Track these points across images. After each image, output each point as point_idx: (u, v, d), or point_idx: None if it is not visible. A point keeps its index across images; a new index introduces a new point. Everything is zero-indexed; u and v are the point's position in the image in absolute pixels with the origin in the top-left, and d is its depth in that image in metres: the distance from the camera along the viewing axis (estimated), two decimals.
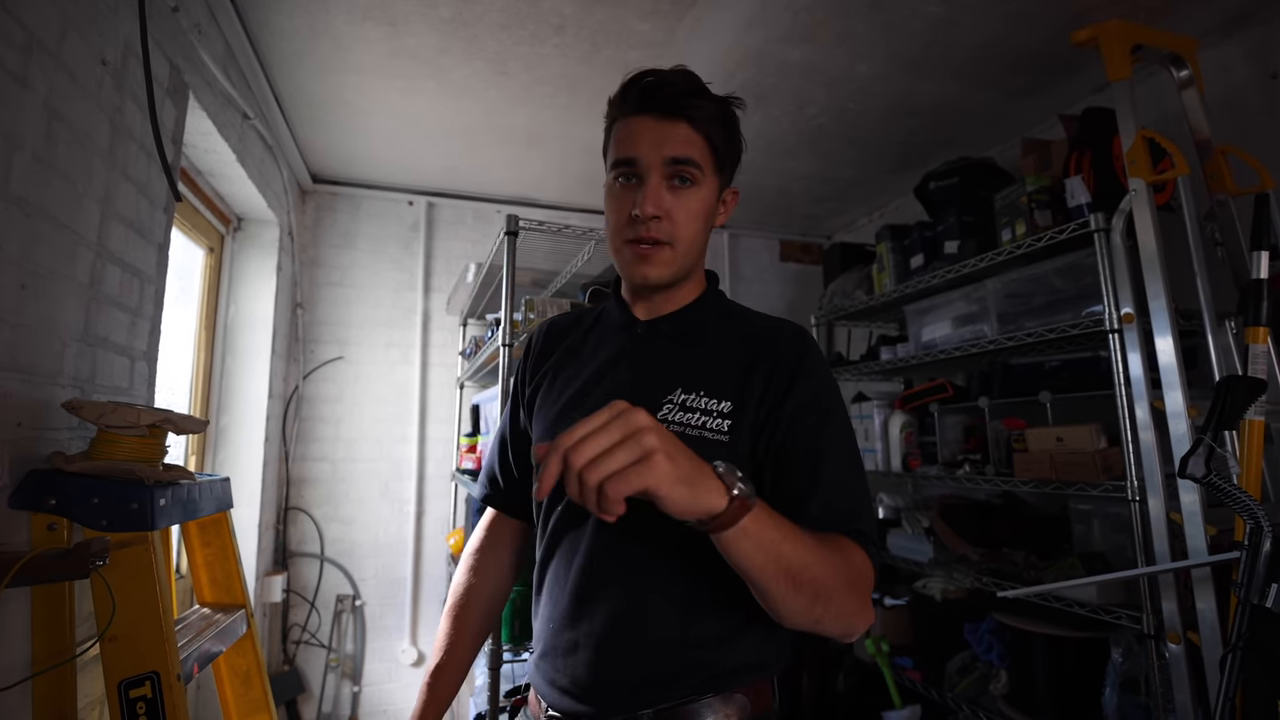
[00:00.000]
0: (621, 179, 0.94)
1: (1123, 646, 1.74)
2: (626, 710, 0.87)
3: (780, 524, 0.71)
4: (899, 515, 2.62)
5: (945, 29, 2.07)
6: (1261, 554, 1.22)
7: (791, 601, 0.73)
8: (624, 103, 0.93)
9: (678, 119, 0.90)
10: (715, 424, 0.89)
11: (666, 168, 0.90)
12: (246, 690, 1.48)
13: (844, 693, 2.57)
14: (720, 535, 0.67)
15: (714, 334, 0.98)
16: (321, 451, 3.23)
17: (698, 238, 0.95)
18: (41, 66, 1.13)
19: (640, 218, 0.90)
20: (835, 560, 0.76)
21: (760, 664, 0.91)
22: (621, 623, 0.89)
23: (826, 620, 0.76)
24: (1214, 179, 1.73)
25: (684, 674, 0.87)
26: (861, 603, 0.78)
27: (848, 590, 0.76)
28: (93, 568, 1.00)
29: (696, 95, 0.91)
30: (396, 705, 3.20)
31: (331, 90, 2.50)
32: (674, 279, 0.97)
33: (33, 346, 1.14)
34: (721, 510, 0.64)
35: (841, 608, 0.76)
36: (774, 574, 0.70)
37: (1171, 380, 1.55)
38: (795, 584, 0.71)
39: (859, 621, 0.79)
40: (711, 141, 0.92)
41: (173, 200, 1.69)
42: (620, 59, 2.26)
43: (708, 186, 0.94)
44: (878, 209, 3.68)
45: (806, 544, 0.73)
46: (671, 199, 0.91)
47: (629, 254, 0.94)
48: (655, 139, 0.90)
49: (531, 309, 2.15)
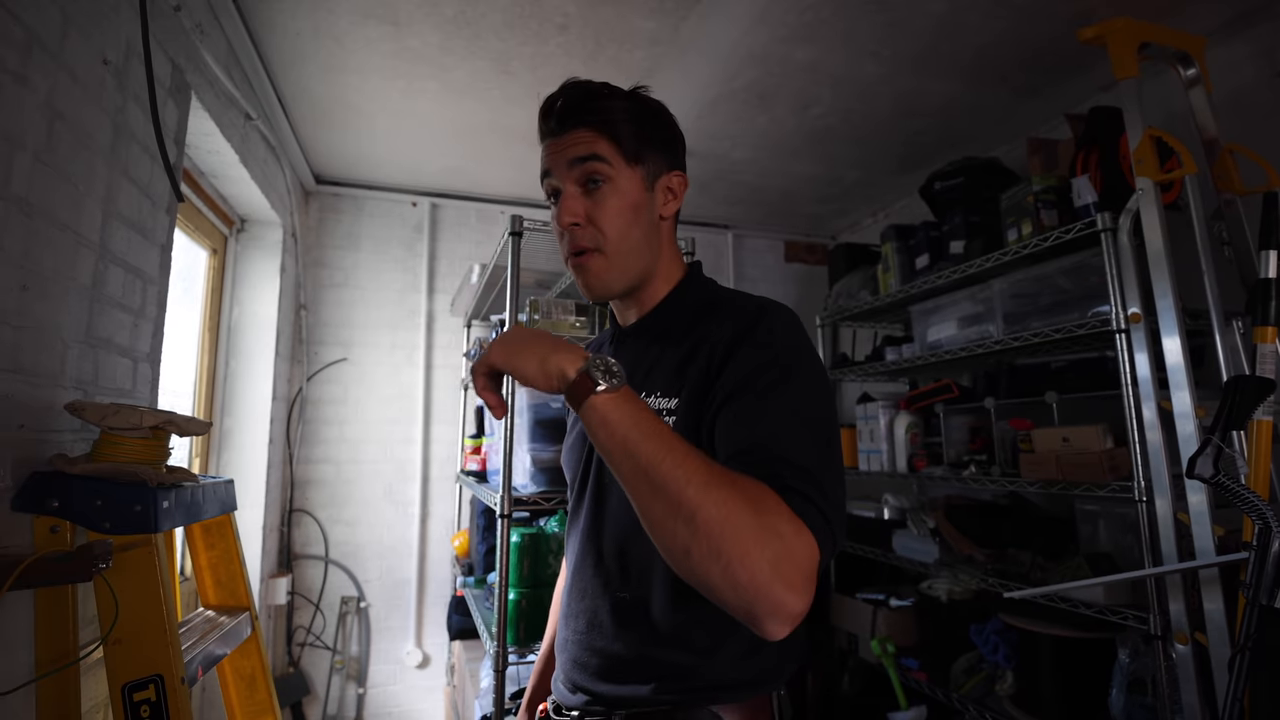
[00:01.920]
0: (551, 199, 0.95)
1: (1129, 647, 1.73)
2: (603, 708, 0.89)
3: (643, 417, 0.69)
4: (904, 516, 2.61)
5: (950, 28, 2.06)
6: (1270, 554, 1.21)
7: (649, 508, 0.66)
8: (540, 133, 0.96)
9: (575, 128, 0.91)
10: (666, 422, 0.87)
11: (573, 172, 0.90)
12: (251, 693, 1.48)
13: (849, 694, 2.57)
14: (580, 412, 0.71)
15: (677, 330, 0.95)
16: (325, 453, 3.23)
17: (628, 234, 0.91)
18: (42, 66, 1.13)
19: (563, 229, 0.91)
20: (719, 486, 0.64)
21: (748, 682, 0.87)
22: (597, 623, 0.92)
23: (700, 559, 0.62)
24: (1221, 178, 1.72)
25: (658, 680, 0.86)
26: (766, 560, 0.60)
27: (732, 529, 0.61)
28: (96, 570, 1.00)
29: (588, 99, 0.91)
30: (402, 707, 3.20)
31: (334, 90, 2.50)
32: (621, 283, 0.94)
33: (34, 348, 1.13)
34: (571, 380, 0.72)
35: (718, 547, 0.61)
36: (622, 461, 0.68)
37: (1179, 380, 1.54)
38: (650, 484, 0.65)
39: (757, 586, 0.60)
40: (614, 137, 0.90)
41: (175, 201, 1.69)
42: (624, 58, 2.25)
43: (624, 179, 0.91)
44: (883, 209, 3.67)
45: (675, 448, 0.66)
46: (587, 204, 0.90)
47: (572, 269, 0.94)
48: (559, 152, 0.91)
49: (536, 310, 2.14)
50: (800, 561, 0.62)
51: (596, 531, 0.94)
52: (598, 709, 0.89)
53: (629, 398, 0.71)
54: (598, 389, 0.70)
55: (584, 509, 0.97)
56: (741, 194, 3.51)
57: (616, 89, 0.94)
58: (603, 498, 0.94)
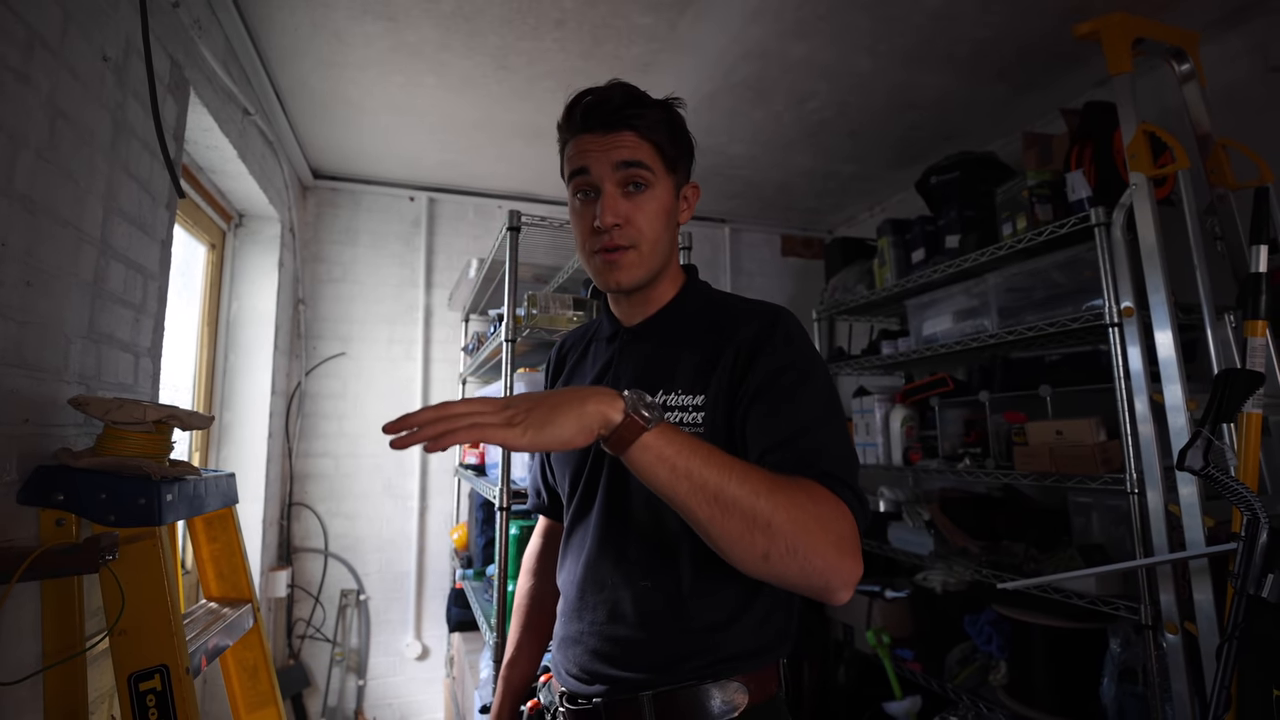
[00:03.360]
0: (580, 195, 0.97)
1: (1121, 637, 1.75)
2: (628, 692, 0.91)
3: (695, 445, 0.72)
4: (900, 508, 2.63)
5: (946, 22, 2.07)
6: (1258, 545, 1.23)
7: (723, 527, 0.70)
8: (570, 124, 0.98)
9: (621, 130, 0.93)
10: (691, 418, 0.92)
11: (618, 174, 0.93)
12: (253, 683, 1.49)
13: (845, 684, 2.59)
14: (626, 455, 0.71)
15: (691, 329, 1.00)
16: (325, 447, 3.24)
17: (661, 238, 0.98)
18: (43, 64, 1.14)
19: (602, 228, 0.93)
20: (780, 491, 0.71)
21: (761, 650, 0.92)
22: (620, 613, 0.94)
23: (778, 559, 0.70)
24: (1214, 173, 1.74)
25: (682, 660, 0.90)
26: (831, 544, 0.71)
27: (802, 526, 0.70)
28: (103, 562, 1.01)
29: (636, 104, 0.95)
30: (402, 699, 3.22)
31: (332, 86, 2.50)
32: (645, 281, 0.99)
33: (38, 343, 1.15)
34: (617, 424, 0.70)
35: (794, 544, 0.69)
36: (688, 492, 0.70)
37: (1171, 374, 1.55)
38: (720, 505, 0.70)
39: (829, 567, 0.70)
40: (658, 144, 0.95)
41: (175, 196, 1.69)
42: (621, 54, 2.26)
43: (662, 187, 0.97)
44: (879, 203, 3.68)
45: (734, 467, 0.71)
46: (628, 205, 0.94)
47: (599, 263, 0.97)
48: (603, 150, 0.93)
49: (534, 304, 2.15)
50: (852, 537, 0.73)
51: (618, 531, 0.96)
52: (623, 694, 0.92)
53: (672, 429, 0.73)
54: (649, 428, 0.70)
55: (594, 511, 0.99)
56: (738, 188, 3.52)
57: (655, 99, 0.98)
58: (621, 500, 0.96)
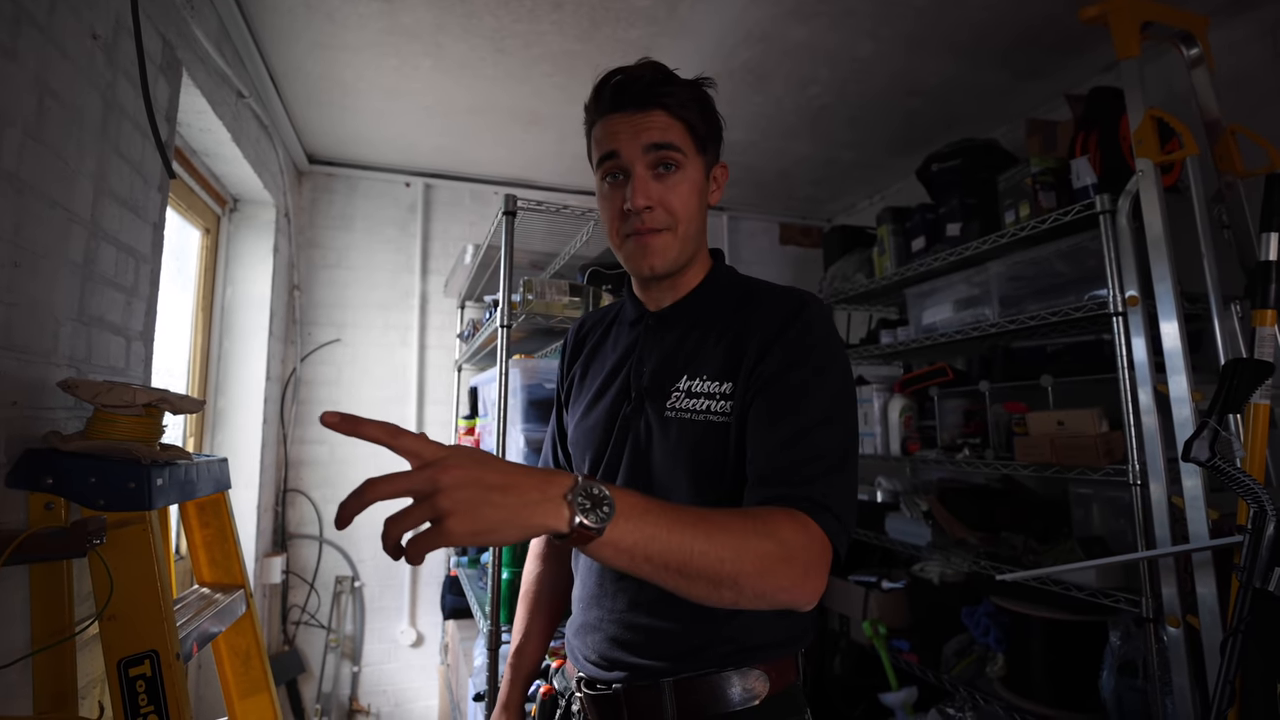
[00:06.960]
0: (609, 178, 0.96)
1: (1121, 630, 1.74)
2: (648, 679, 0.92)
3: (654, 527, 0.65)
4: (897, 499, 2.62)
5: (949, 6, 2.04)
6: (1265, 538, 1.22)
7: (689, 592, 0.69)
8: (599, 104, 0.96)
9: (652, 109, 0.92)
10: (719, 406, 0.91)
11: (648, 156, 0.92)
12: (246, 670, 1.48)
13: (841, 675, 2.59)
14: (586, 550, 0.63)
15: (718, 315, 0.99)
16: (320, 434, 3.23)
17: (694, 219, 0.96)
18: (31, 40, 1.11)
19: (633, 210, 0.92)
20: (745, 543, 0.70)
21: (786, 640, 0.93)
22: (640, 600, 0.94)
23: (745, 602, 0.71)
24: (1223, 160, 1.71)
25: (705, 648, 0.90)
26: (797, 575, 0.73)
27: (768, 570, 0.71)
28: (90, 546, 1.00)
29: (666, 83, 0.93)
30: (396, 685, 3.22)
31: (327, 68, 2.46)
32: (678, 264, 0.98)
33: (27, 325, 1.12)
34: (567, 535, 0.61)
35: (758, 589, 0.70)
36: (650, 573, 0.66)
37: (1176, 364, 1.54)
38: (685, 577, 0.67)
39: (793, 597, 0.74)
40: (689, 124, 0.94)
41: (167, 178, 1.67)
42: (620, 36, 2.22)
43: (693, 167, 0.95)
44: (879, 191, 3.65)
45: (697, 530, 0.67)
46: (660, 187, 0.92)
47: (631, 247, 0.95)
48: (633, 131, 0.92)
49: (530, 290, 2.13)
50: (820, 562, 0.76)
51: None
52: (642, 680, 0.92)
53: (629, 513, 0.64)
54: (598, 536, 0.62)
55: None
56: (737, 175, 3.49)
57: (686, 78, 0.96)
58: (644, 487, 0.94)
